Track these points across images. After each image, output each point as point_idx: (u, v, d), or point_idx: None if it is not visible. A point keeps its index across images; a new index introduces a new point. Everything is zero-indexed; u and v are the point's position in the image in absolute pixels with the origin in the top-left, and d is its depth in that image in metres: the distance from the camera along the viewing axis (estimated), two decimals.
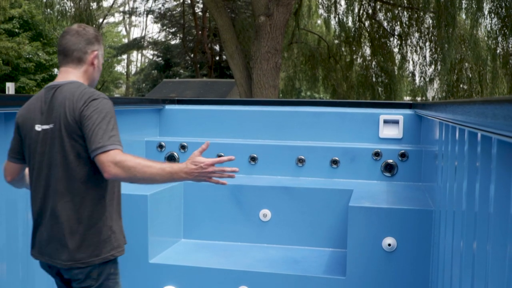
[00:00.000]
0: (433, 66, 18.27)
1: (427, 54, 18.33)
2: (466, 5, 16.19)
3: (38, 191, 2.55)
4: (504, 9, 15.70)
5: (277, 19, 12.75)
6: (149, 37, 35.32)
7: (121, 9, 35.44)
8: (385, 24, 19.01)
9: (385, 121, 5.32)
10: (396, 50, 19.17)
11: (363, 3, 18.88)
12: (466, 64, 18.82)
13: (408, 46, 18.69)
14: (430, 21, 17.74)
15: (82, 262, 2.48)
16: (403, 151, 5.04)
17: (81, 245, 2.48)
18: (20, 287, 3.47)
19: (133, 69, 49.21)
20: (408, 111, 5.31)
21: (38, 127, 2.52)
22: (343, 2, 19.42)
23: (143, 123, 5.54)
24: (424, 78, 18.85)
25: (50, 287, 3.82)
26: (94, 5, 19.67)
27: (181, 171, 2.43)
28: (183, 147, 5.50)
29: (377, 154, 5.08)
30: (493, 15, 15.95)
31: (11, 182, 2.77)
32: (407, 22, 18.37)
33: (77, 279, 2.53)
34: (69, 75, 2.57)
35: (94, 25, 18.93)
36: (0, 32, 28.75)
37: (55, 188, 2.48)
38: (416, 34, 18.31)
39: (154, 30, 77.69)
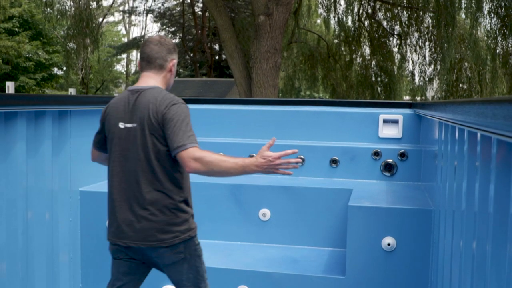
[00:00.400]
0: (432, 66, 18.29)
1: (427, 54, 18.34)
2: (465, 5, 16.21)
3: (120, 181, 2.89)
4: (503, 9, 15.72)
5: (277, 18, 12.75)
6: (149, 37, 35.27)
7: (121, 8, 35.47)
8: (384, 23, 19.02)
9: (385, 121, 5.32)
10: (395, 49, 19.20)
11: (362, 2, 18.89)
12: (466, 63, 18.84)
13: (407, 46, 18.70)
14: (430, 21, 17.75)
15: (165, 242, 2.85)
16: (402, 150, 5.04)
17: (164, 228, 2.84)
18: (20, 286, 3.46)
19: (132, 68, 49.21)
20: (407, 111, 5.30)
21: (121, 125, 2.87)
22: (342, 2, 19.44)
23: None
24: (424, 78, 18.86)
25: (49, 285, 3.83)
26: (94, 4, 19.66)
27: (252, 164, 2.77)
28: None
29: (376, 153, 5.08)
30: (492, 15, 15.97)
31: (94, 161, 3.27)
32: (406, 22, 18.38)
33: (162, 257, 2.91)
34: (150, 80, 2.95)
35: (93, 24, 18.93)
36: (0, 31, 28.74)
37: (137, 180, 2.83)
38: (416, 34, 18.32)
39: (153, 30, 77.64)
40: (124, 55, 44.34)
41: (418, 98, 20.08)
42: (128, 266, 3.02)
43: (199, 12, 30.30)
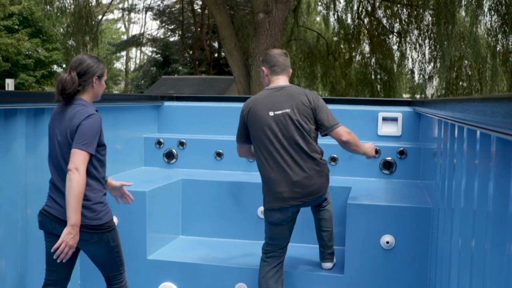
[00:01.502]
0: (432, 64, 18.27)
1: (427, 52, 18.33)
2: (465, 2, 16.20)
3: (275, 159, 3.69)
4: (504, 7, 15.71)
5: (276, 16, 12.73)
6: (148, 34, 35.24)
7: (120, 6, 35.38)
8: (384, 21, 18.99)
9: (384, 119, 5.31)
10: (395, 47, 19.17)
11: (362, 0, 18.86)
12: (466, 61, 18.82)
13: (407, 44, 18.68)
14: (430, 19, 17.73)
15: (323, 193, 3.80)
16: (401, 148, 5.04)
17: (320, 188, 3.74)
18: (19, 282, 3.47)
19: (132, 66, 49.21)
20: (407, 109, 5.30)
21: (271, 113, 3.71)
22: None
23: (141, 120, 5.54)
24: (423, 76, 18.85)
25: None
26: (93, 2, 19.65)
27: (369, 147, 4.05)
28: (181, 143, 5.49)
29: (375, 151, 5.08)
30: (493, 13, 15.96)
31: (241, 157, 4.25)
32: (406, 20, 18.36)
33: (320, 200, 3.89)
34: (284, 81, 3.88)
35: (93, 22, 18.92)
36: (0, 29, 28.72)
37: (291, 155, 3.67)
38: (416, 32, 18.31)
39: (153, 27, 77.60)
40: (124, 53, 44.32)
41: (417, 96, 20.06)
42: (290, 228, 3.83)
43: (198, 10, 30.27)
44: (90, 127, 3.00)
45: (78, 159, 2.94)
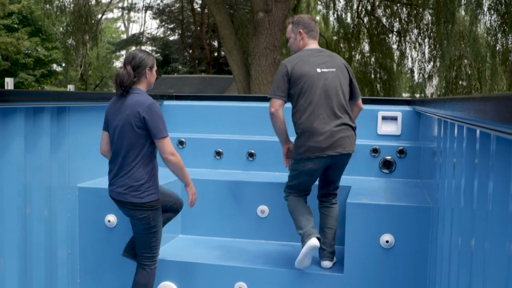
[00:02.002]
0: (432, 63, 18.26)
1: (426, 51, 18.32)
2: (465, 2, 16.19)
3: (318, 111, 3.93)
4: (503, 6, 15.69)
5: (276, 15, 12.72)
6: (148, 33, 35.23)
7: (120, 5, 35.37)
8: (384, 20, 18.99)
9: (384, 118, 5.31)
10: (395, 46, 19.16)
11: None
12: (465, 60, 18.81)
13: (407, 43, 18.67)
14: (429, 18, 17.72)
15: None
16: (401, 147, 5.04)
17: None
18: (18, 281, 3.46)
19: None
20: (406, 108, 5.30)
21: (318, 70, 4.00)
22: None
23: None
24: (423, 75, 18.84)
25: (47, 281, 3.83)
26: (93, 1, 19.65)
27: None
28: (181, 142, 5.49)
29: (375, 150, 5.08)
30: (492, 12, 15.94)
31: (275, 114, 4.18)
32: (406, 19, 18.35)
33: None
34: (317, 46, 4.20)
35: (93, 21, 18.91)
36: None
37: (333, 109, 3.95)
38: (415, 31, 18.30)
39: (152, 26, 77.54)
40: (123, 52, 44.21)
41: (417, 95, 20.06)
42: (316, 179, 4.13)
43: (198, 9, 30.25)
44: (157, 114, 3.52)
45: (167, 146, 3.50)
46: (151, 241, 3.64)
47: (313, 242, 3.83)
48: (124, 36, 45.14)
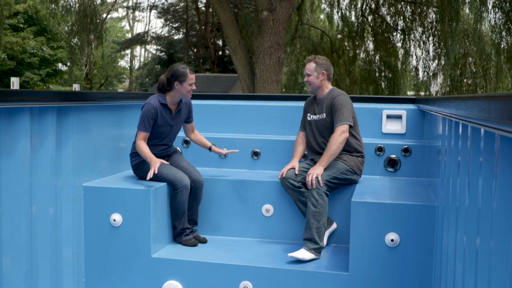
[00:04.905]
0: (436, 61, 18.23)
1: (431, 49, 18.28)
2: (469, 0, 16.14)
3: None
4: (508, 4, 15.64)
5: (280, 14, 12.73)
6: (153, 32, 35.30)
7: (125, 4, 35.43)
8: (388, 18, 18.96)
9: (388, 116, 5.31)
10: (399, 44, 19.13)
11: None
12: (470, 58, 18.77)
13: (411, 41, 18.64)
14: (434, 16, 17.68)
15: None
16: (406, 146, 5.03)
17: None
18: (24, 280, 3.48)
19: (136, 64, 49.23)
20: (411, 106, 5.29)
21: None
22: None
23: None
24: (428, 73, 18.81)
25: (53, 279, 3.85)
26: (98, 1, 19.68)
27: None
28: (186, 141, 5.50)
29: (380, 149, 5.08)
30: (497, 10, 15.90)
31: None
32: (410, 17, 18.32)
33: None
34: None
35: (97, 20, 18.95)
36: (5, 27, 28.74)
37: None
38: (420, 29, 18.26)
39: (157, 25, 77.67)
40: (128, 51, 44.29)
41: (422, 94, 20.03)
42: None
43: (203, 8, 30.27)
44: (142, 112, 4.47)
45: (137, 136, 4.48)
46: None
47: (334, 226, 4.65)
48: (129, 36, 45.25)
